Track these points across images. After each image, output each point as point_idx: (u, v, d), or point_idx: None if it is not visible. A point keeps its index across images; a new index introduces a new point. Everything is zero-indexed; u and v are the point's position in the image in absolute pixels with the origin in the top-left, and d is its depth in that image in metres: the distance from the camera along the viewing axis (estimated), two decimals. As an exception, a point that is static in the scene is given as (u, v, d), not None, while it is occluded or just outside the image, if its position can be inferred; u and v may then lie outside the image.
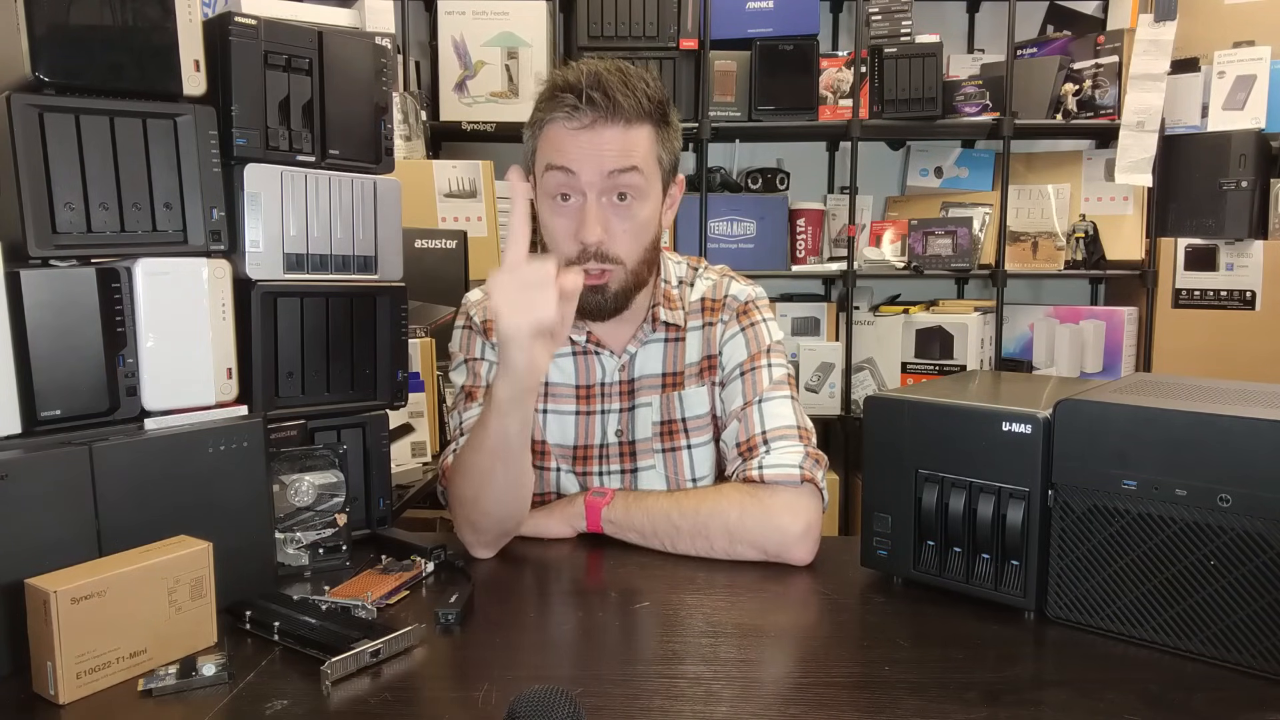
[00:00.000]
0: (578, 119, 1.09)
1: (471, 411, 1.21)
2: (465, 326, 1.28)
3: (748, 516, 1.09)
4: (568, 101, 1.09)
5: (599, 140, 1.09)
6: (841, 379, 2.76)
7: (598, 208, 1.10)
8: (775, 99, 2.64)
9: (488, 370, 1.24)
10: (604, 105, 1.08)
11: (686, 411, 1.24)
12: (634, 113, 1.10)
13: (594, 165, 1.09)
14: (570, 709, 0.65)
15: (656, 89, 1.14)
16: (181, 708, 0.76)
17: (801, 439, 1.16)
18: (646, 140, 1.12)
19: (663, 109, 1.14)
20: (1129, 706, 0.75)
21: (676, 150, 1.19)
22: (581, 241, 1.11)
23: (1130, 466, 0.85)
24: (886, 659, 0.84)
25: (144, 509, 0.88)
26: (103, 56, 0.90)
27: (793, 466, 1.12)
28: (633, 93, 1.10)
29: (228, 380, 1.00)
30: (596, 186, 1.10)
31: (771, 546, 1.09)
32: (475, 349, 1.26)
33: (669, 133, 1.16)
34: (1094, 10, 2.94)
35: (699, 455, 1.25)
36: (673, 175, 1.20)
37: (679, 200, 1.24)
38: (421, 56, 2.82)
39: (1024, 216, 2.83)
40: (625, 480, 1.25)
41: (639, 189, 1.12)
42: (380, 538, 1.16)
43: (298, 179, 1.07)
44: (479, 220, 2.34)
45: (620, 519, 1.14)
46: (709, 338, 1.25)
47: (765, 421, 1.17)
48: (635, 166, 1.10)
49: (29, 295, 0.85)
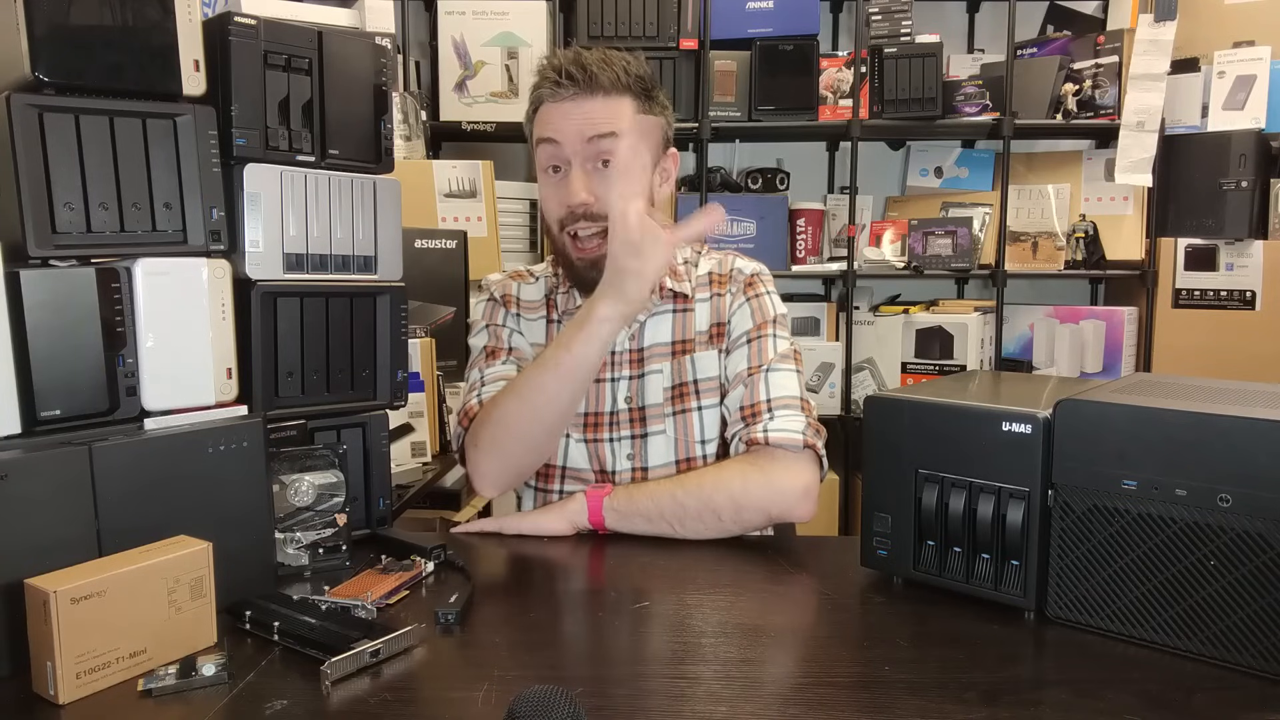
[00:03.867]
0: (560, 93, 1.20)
1: (495, 367, 1.27)
2: (489, 299, 1.36)
3: (751, 484, 1.14)
4: (551, 78, 1.20)
5: (580, 110, 1.19)
6: (841, 379, 2.76)
7: (582, 173, 1.20)
8: (775, 99, 2.65)
9: (509, 335, 1.32)
10: (582, 79, 1.19)
11: (699, 373, 1.28)
12: (611, 85, 1.19)
13: (575, 132, 1.19)
14: (570, 709, 0.65)
15: (638, 66, 1.23)
16: (181, 708, 0.76)
17: (804, 410, 1.21)
18: (628, 110, 1.21)
19: (644, 83, 1.23)
20: (1129, 706, 0.75)
21: (664, 124, 1.27)
22: (567, 205, 1.20)
23: (1130, 466, 0.85)
24: (886, 659, 0.84)
25: (144, 509, 0.88)
26: (103, 56, 0.90)
27: (796, 433, 1.17)
28: (610, 67, 1.20)
29: (227, 380, 1.00)
30: (580, 153, 1.19)
31: (776, 510, 1.14)
32: (499, 317, 1.34)
33: (652, 106, 1.24)
34: (1094, 10, 2.94)
35: (709, 417, 1.28)
36: (663, 149, 1.28)
37: (674, 174, 1.31)
38: (421, 56, 2.82)
39: (1024, 216, 2.83)
40: (635, 445, 1.28)
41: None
42: (380, 538, 1.16)
43: (297, 179, 1.07)
44: (479, 220, 2.34)
45: (624, 506, 1.15)
46: (718, 308, 1.30)
47: (771, 390, 1.21)
48: (614, 132, 1.18)
49: (29, 295, 0.85)
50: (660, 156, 1.27)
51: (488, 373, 1.28)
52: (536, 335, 1.33)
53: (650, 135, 1.23)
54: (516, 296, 1.34)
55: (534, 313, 1.34)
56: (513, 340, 1.32)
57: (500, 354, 1.30)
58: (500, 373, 1.27)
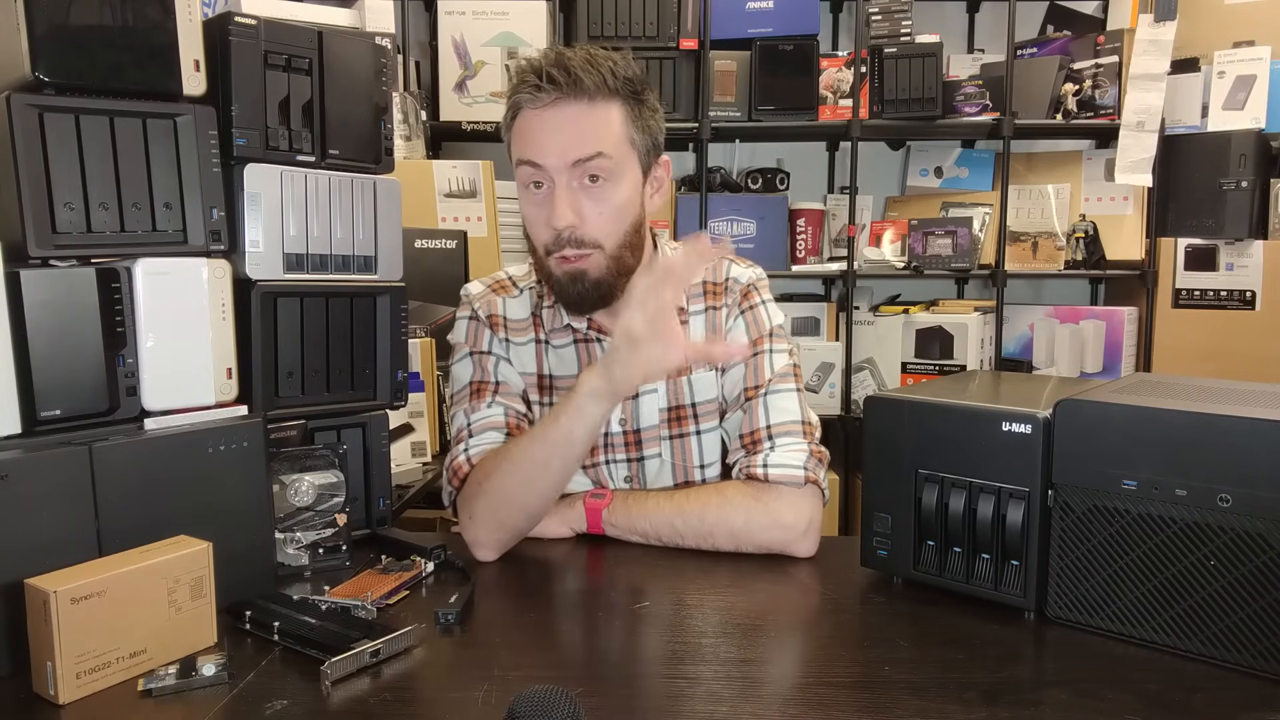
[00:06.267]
0: (540, 99, 1.08)
1: (483, 412, 1.19)
2: (470, 318, 1.25)
3: (753, 522, 1.10)
4: (530, 81, 1.08)
5: (562, 118, 1.08)
6: (841, 379, 2.76)
7: (568, 192, 1.09)
8: (775, 99, 2.64)
9: (495, 365, 1.22)
10: (565, 82, 1.07)
11: (697, 396, 1.23)
12: (597, 89, 1.08)
13: (558, 153, 1.08)
14: (570, 709, 0.65)
15: (626, 67, 1.11)
16: (181, 708, 0.76)
17: (805, 435, 1.16)
18: (616, 119, 1.10)
19: (633, 86, 1.12)
20: (1129, 706, 0.75)
21: (655, 130, 1.16)
22: (553, 227, 1.10)
23: (1130, 466, 0.85)
24: (886, 659, 0.84)
25: (144, 509, 0.88)
26: (103, 56, 0.90)
27: (797, 467, 1.12)
28: (596, 69, 1.08)
29: (228, 380, 1.00)
30: (564, 172, 1.09)
31: (776, 546, 1.11)
32: (483, 342, 1.23)
33: (642, 111, 1.13)
34: (1094, 10, 2.94)
35: (707, 441, 1.23)
36: (653, 156, 1.17)
37: (666, 183, 1.21)
38: (421, 56, 2.82)
39: (1024, 216, 2.83)
40: (632, 468, 1.24)
41: (609, 170, 1.10)
42: (380, 538, 1.16)
43: (298, 179, 1.07)
44: (479, 220, 2.34)
45: (621, 522, 1.14)
46: (713, 322, 1.24)
47: (770, 415, 1.17)
48: (600, 153, 1.08)
49: (29, 295, 0.85)
50: (650, 164, 1.17)
51: (474, 420, 1.18)
52: (527, 361, 1.24)
53: (635, 146, 1.13)
54: (504, 316, 1.24)
55: (522, 334, 1.24)
56: (499, 371, 1.22)
57: (486, 391, 1.20)
58: (488, 419, 1.18)
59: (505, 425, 1.18)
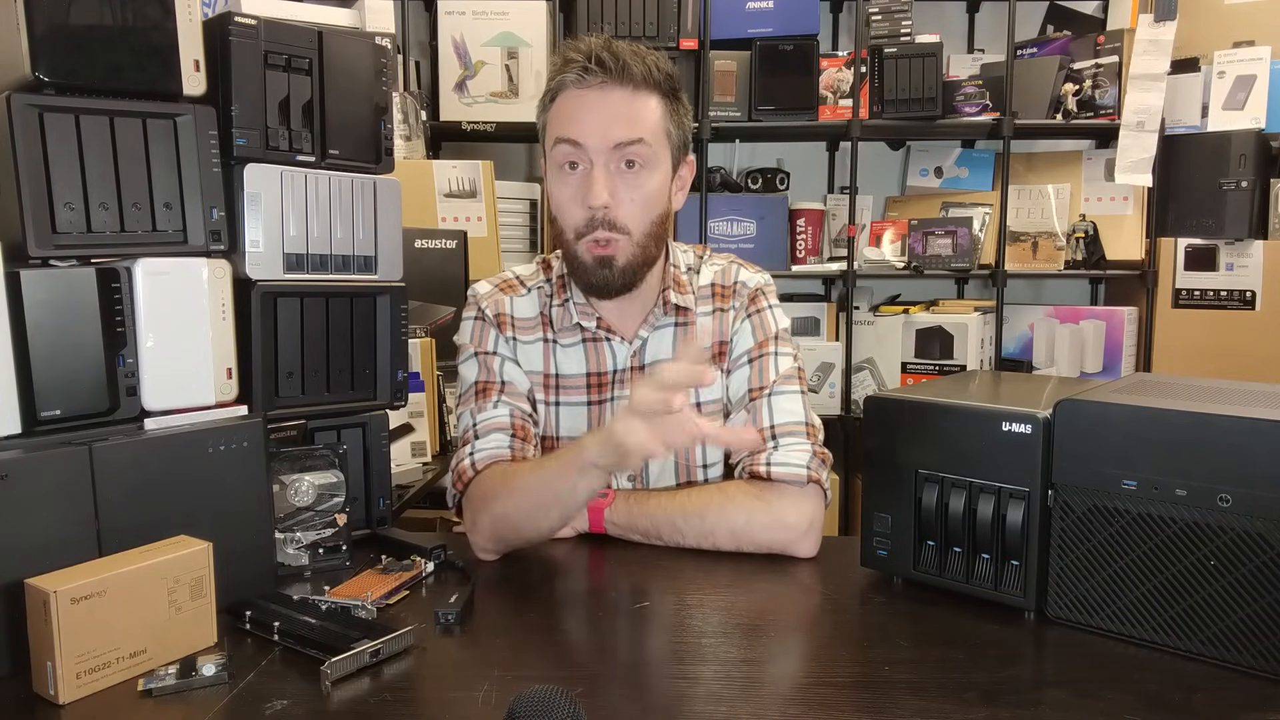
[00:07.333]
0: (588, 80, 1.11)
1: (488, 412, 1.19)
2: (477, 318, 1.25)
3: (754, 521, 1.10)
4: (578, 64, 1.11)
5: (606, 101, 1.11)
6: (841, 379, 2.76)
7: (605, 173, 1.11)
8: (775, 99, 2.64)
9: (500, 365, 1.22)
10: (613, 67, 1.10)
11: (702, 395, 1.23)
12: (642, 79, 1.11)
13: (600, 134, 1.10)
14: (570, 709, 0.65)
15: (666, 65, 1.15)
16: (181, 708, 0.76)
17: (809, 436, 1.17)
18: (655, 110, 1.14)
19: (672, 82, 1.15)
20: (1129, 706, 0.75)
21: (687, 128, 1.20)
22: (589, 206, 1.11)
23: (1130, 466, 0.85)
24: (886, 659, 0.84)
25: (144, 509, 0.88)
26: (103, 56, 0.90)
27: (800, 466, 1.13)
28: (642, 60, 1.12)
29: (228, 380, 1.00)
30: (604, 154, 1.11)
31: (777, 545, 1.11)
32: (489, 342, 1.23)
33: (678, 108, 1.17)
34: (1094, 10, 2.94)
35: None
36: (683, 153, 1.20)
37: (689, 182, 1.24)
38: (421, 56, 2.82)
39: (1024, 216, 2.83)
40: (637, 468, 1.24)
41: (646, 158, 1.13)
42: (380, 538, 1.16)
43: (298, 179, 1.07)
44: (479, 220, 2.34)
45: (622, 520, 1.14)
46: (720, 324, 1.25)
47: (774, 416, 1.17)
48: (642, 138, 1.11)
49: (29, 295, 0.85)
50: (679, 161, 1.19)
51: (480, 420, 1.18)
52: (534, 360, 1.23)
53: (671, 140, 1.16)
54: (511, 315, 1.24)
55: (530, 333, 1.24)
56: (505, 371, 1.22)
57: (492, 391, 1.20)
58: (493, 420, 1.18)
59: (510, 426, 1.18)
